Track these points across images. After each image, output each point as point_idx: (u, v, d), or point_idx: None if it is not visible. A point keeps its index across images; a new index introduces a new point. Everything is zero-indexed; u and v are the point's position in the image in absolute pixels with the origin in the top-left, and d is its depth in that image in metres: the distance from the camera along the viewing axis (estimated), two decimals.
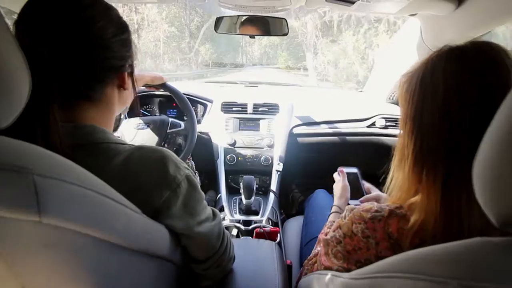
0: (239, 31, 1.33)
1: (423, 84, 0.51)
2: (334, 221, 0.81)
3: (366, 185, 0.99)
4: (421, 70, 0.51)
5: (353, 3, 0.97)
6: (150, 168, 0.50)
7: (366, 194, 0.95)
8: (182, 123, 1.27)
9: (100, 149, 0.50)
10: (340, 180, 0.99)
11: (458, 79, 0.47)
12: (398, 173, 0.56)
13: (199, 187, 0.58)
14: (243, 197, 1.24)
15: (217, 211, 0.64)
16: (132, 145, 0.53)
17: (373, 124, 1.64)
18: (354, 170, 1.03)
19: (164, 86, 1.21)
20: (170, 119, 1.25)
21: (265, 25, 1.29)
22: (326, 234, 0.67)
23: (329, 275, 0.52)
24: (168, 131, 1.23)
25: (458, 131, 0.46)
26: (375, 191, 0.94)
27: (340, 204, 0.92)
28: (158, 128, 1.22)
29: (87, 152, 0.49)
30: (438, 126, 0.48)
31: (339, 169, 1.02)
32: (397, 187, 0.56)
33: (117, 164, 0.48)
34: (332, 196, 1.29)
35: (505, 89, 0.44)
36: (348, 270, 0.55)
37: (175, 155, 0.54)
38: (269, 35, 1.32)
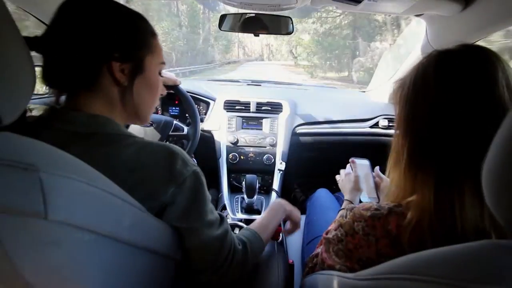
0: (243, 29, 1.33)
1: (415, 87, 0.53)
2: None
3: (376, 178, 0.94)
4: (413, 74, 0.53)
5: (360, 2, 0.96)
6: (158, 162, 0.51)
7: (377, 190, 0.91)
8: (185, 128, 1.27)
9: (112, 139, 0.52)
10: (349, 172, 0.95)
11: (448, 80, 0.49)
12: (394, 172, 0.57)
13: (206, 187, 0.58)
14: (245, 196, 1.24)
15: (224, 217, 0.63)
16: (143, 138, 0.55)
17: (376, 124, 1.64)
18: (366, 162, 0.98)
19: (175, 88, 1.21)
20: (174, 122, 1.25)
21: (270, 23, 1.28)
22: (327, 233, 0.67)
23: (333, 275, 0.52)
24: (170, 133, 1.23)
25: (450, 130, 0.48)
26: (385, 182, 0.91)
27: (351, 199, 0.89)
28: (161, 128, 1.22)
29: (99, 141, 0.51)
30: (430, 126, 0.50)
31: (351, 159, 0.98)
32: (394, 185, 0.57)
33: (128, 155, 0.50)
34: (336, 196, 1.29)
35: (494, 88, 0.46)
36: (350, 268, 0.56)
37: (184, 151, 0.55)
38: (274, 33, 1.31)
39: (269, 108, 1.60)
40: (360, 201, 0.88)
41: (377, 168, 0.96)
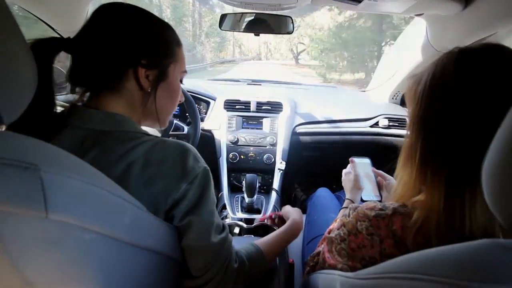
0: (244, 29, 1.33)
1: (432, 84, 0.51)
2: None
3: (378, 178, 0.94)
4: (431, 71, 0.52)
5: (360, 2, 0.96)
6: (171, 159, 0.53)
7: (379, 186, 0.92)
8: (186, 127, 1.27)
9: (128, 137, 0.53)
10: (349, 171, 0.96)
11: (469, 79, 0.47)
12: (403, 172, 0.56)
13: (213, 186, 0.59)
14: (245, 195, 1.24)
15: (227, 227, 0.63)
16: (157, 136, 0.56)
17: (376, 124, 1.64)
18: (366, 160, 0.99)
19: None
20: (174, 121, 1.26)
21: (270, 23, 1.28)
22: (329, 232, 0.67)
23: (334, 275, 0.52)
24: (170, 132, 1.24)
25: (466, 131, 0.47)
26: (388, 180, 0.91)
27: (352, 197, 0.90)
28: None
29: (115, 138, 0.53)
30: (446, 126, 0.49)
31: (350, 159, 0.99)
32: (402, 185, 0.57)
33: (142, 151, 0.52)
34: (337, 196, 1.29)
35: None
36: (352, 268, 0.55)
37: (195, 149, 0.57)
38: (274, 33, 1.31)
39: (269, 108, 1.60)
40: (362, 200, 0.88)
41: (373, 168, 0.96)
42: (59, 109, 0.57)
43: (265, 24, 1.28)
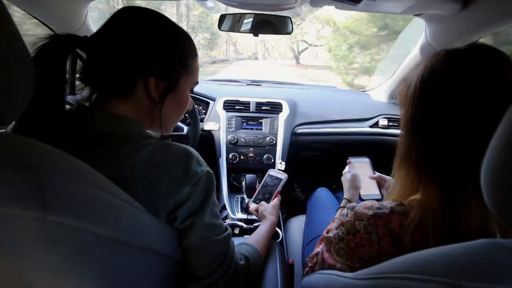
0: (243, 29, 1.33)
1: (421, 86, 0.52)
2: None
3: (378, 175, 0.95)
4: (420, 73, 0.53)
5: (359, 2, 0.96)
6: (174, 162, 0.53)
7: (378, 186, 0.92)
8: (185, 128, 1.27)
9: (132, 139, 0.54)
10: (347, 171, 0.97)
11: (456, 80, 0.48)
12: (400, 171, 0.57)
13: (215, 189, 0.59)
14: (245, 196, 1.24)
15: (230, 230, 0.63)
16: (161, 140, 0.57)
17: (376, 124, 1.64)
18: (365, 160, 0.99)
19: None
20: None
21: (269, 23, 1.28)
22: (327, 232, 0.67)
23: (333, 275, 0.52)
24: (170, 133, 1.24)
25: (456, 130, 0.48)
26: (388, 182, 0.92)
27: (349, 197, 0.90)
28: None
29: (119, 141, 0.53)
30: (436, 126, 0.50)
31: (348, 160, 0.99)
32: (399, 184, 0.57)
33: (146, 153, 0.52)
34: (335, 196, 1.29)
35: (503, 89, 0.45)
36: (351, 267, 0.56)
37: (198, 153, 0.57)
38: (273, 33, 1.31)
39: (269, 108, 1.60)
40: (361, 199, 0.89)
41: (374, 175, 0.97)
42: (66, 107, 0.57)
43: (264, 24, 1.28)
